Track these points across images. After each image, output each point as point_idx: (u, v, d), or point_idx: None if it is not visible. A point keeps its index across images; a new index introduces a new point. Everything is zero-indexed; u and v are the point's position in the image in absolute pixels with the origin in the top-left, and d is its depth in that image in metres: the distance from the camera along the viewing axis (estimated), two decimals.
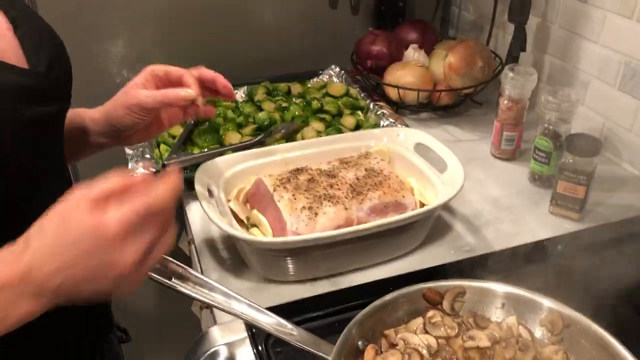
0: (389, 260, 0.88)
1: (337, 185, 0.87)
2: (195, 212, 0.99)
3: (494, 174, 1.12)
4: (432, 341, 0.69)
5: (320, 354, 0.64)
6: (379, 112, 1.22)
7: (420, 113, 1.32)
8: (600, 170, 1.10)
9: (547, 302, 0.71)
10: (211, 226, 0.96)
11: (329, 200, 0.85)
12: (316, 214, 0.83)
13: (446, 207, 1.01)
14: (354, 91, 1.32)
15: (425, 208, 0.84)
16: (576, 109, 1.01)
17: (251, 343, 0.72)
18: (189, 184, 0.86)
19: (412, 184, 0.94)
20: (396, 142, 1.00)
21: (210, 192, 0.87)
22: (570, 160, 0.93)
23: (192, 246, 1.07)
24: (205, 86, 0.82)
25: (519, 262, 0.86)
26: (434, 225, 0.94)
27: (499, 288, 0.73)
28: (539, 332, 0.71)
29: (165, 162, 1.00)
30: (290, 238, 0.79)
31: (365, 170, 0.91)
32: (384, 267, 0.88)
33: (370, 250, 0.86)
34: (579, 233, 0.94)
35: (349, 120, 1.21)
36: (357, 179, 0.89)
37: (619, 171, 1.12)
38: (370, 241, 0.83)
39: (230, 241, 0.92)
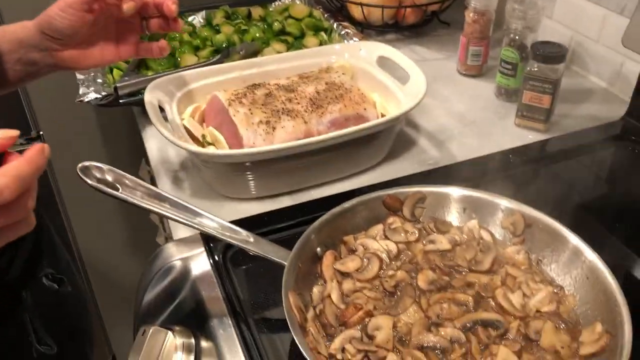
0: (352, 175, 0.86)
1: (296, 99, 0.84)
2: (151, 139, 0.96)
3: (460, 90, 1.09)
4: (392, 246, 0.68)
5: (278, 260, 0.62)
6: (342, 32, 1.18)
7: (386, 34, 1.28)
8: (568, 83, 1.09)
9: (507, 204, 0.70)
10: (168, 151, 0.93)
11: (287, 114, 0.81)
12: (274, 128, 0.80)
13: (411, 122, 0.99)
14: (317, 12, 1.27)
15: (385, 118, 0.82)
16: (542, 17, 0.98)
17: (208, 256, 0.70)
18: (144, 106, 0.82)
19: (375, 99, 0.92)
20: (358, 57, 0.97)
21: (162, 110, 0.83)
22: (536, 68, 0.90)
23: (151, 175, 1.05)
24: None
25: (482, 172, 0.84)
26: (398, 141, 0.92)
27: (459, 192, 0.72)
28: (500, 234, 0.70)
29: (118, 85, 0.95)
30: (247, 150, 0.77)
31: (326, 84, 0.88)
32: (347, 182, 0.86)
33: (331, 165, 0.83)
34: (543, 142, 0.92)
35: (311, 41, 1.16)
36: (317, 92, 0.86)
37: (586, 83, 1.10)
38: (331, 154, 0.81)
39: (187, 164, 0.89)
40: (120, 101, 0.95)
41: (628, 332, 0.53)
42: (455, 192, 0.72)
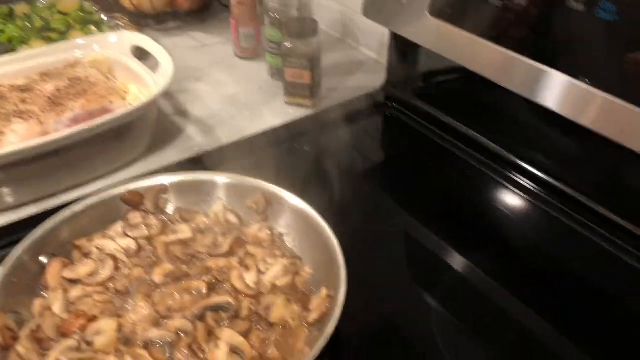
0: (110, 172, 0.81)
1: (31, 99, 0.77)
2: None
3: (236, 74, 1.08)
4: (132, 243, 0.65)
5: None
6: (113, 24, 1.12)
7: (166, 22, 1.24)
8: (341, 57, 1.12)
9: (249, 182, 0.69)
10: None
11: (19, 117, 0.75)
12: (2, 133, 0.73)
13: (180, 111, 0.96)
14: (87, 5, 1.19)
15: (124, 109, 0.77)
16: None
17: None
18: None
19: (133, 90, 0.87)
20: (111, 48, 0.91)
21: None
22: (290, 45, 0.91)
23: None
24: None
25: (241, 153, 0.84)
26: (162, 131, 0.89)
27: (205, 177, 0.70)
28: (246, 215, 0.69)
29: None
30: None
31: (69, 80, 0.82)
32: (106, 180, 0.81)
33: (81, 165, 0.78)
34: (305, 119, 0.93)
35: (76, 36, 1.09)
36: (58, 90, 0.80)
37: (359, 56, 1.14)
38: (77, 153, 0.76)
39: None
40: None
41: (342, 293, 0.55)
42: (201, 177, 0.70)
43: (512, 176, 0.78)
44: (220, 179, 0.70)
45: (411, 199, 0.78)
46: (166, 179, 0.69)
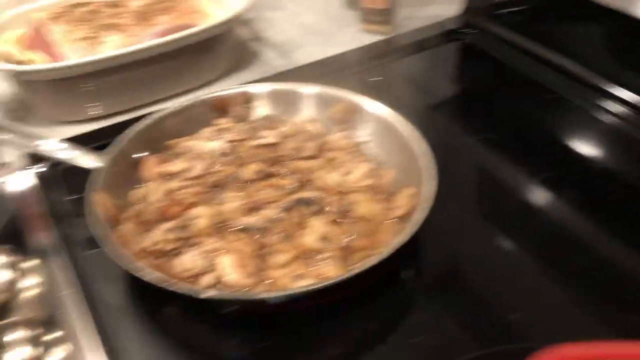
0: (192, 89, 0.84)
1: (122, 14, 0.80)
2: None
3: (312, 3, 1.08)
4: (220, 146, 0.67)
5: (88, 166, 0.60)
6: None
7: None
8: None
9: (328, 92, 0.70)
10: None
11: (112, 29, 0.78)
12: (98, 43, 0.76)
13: (256, 36, 0.97)
14: None
15: (213, 22, 0.80)
16: None
17: (27, 176, 0.67)
18: None
19: (214, 12, 0.89)
20: None
21: None
22: None
23: None
24: None
25: (325, 72, 0.85)
26: (240, 55, 0.91)
27: (287, 87, 0.72)
28: (328, 124, 0.71)
29: None
30: (68, 62, 0.73)
31: None
32: (187, 96, 0.84)
33: (167, 79, 0.81)
34: (380, 44, 0.93)
35: None
36: (145, 6, 0.82)
37: None
38: (164, 65, 0.79)
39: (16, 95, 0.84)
40: None
41: (433, 188, 0.56)
42: (277, 87, 0.72)
43: (603, 103, 0.76)
44: (305, 89, 0.71)
45: (489, 130, 0.76)
46: (252, 88, 0.72)
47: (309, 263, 0.54)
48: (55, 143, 0.61)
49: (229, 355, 0.53)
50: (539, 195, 0.66)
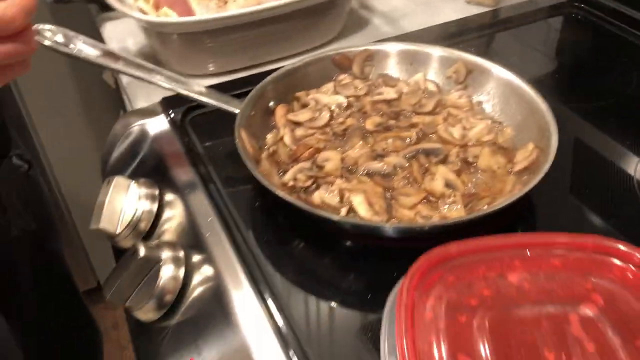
0: (306, 51, 0.89)
1: None
2: (109, 33, 0.97)
3: None
4: (342, 99, 0.72)
5: (231, 108, 0.65)
6: None
7: None
8: None
9: (448, 54, 0.73)
10: (127, 41, 0.94)
11: None
12: (226, 2, 0.82)
13: (364, 4, 1.01)
14: None
15: None
16: None
17: (166, 116, 0.73)
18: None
19: None
20: None
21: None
22: None
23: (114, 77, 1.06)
24: None
25: (432, 38, 0.87)
26: (350, 21, 0.94)
27: (404, 47, 0.75)
28: (445, 84, 0.74)
29: None
30: (199, 17, 0.79)
31: None
32: (301, 57, 0.88)
33: (285, 39, 0.86)
34: (487, 14, 0.95)
35: None
36: None
37: None
38: (283, 25, 0.83)
39: (145, 51, 0.91)
40: None
41: (554, 142, 0.58)
42: (400, 47, 0.75)
43: None
44: (425, 48, 0.74)
45: (593, 104, 0.77)
46: (373, 46, 0.75)
47: (434, 206, 0.58)
48: (202, 87, 0.66)
49: (348, 286, 0.57)
50: None
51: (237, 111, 0.64)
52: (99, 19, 1.01)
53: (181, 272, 0.57)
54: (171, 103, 0.75)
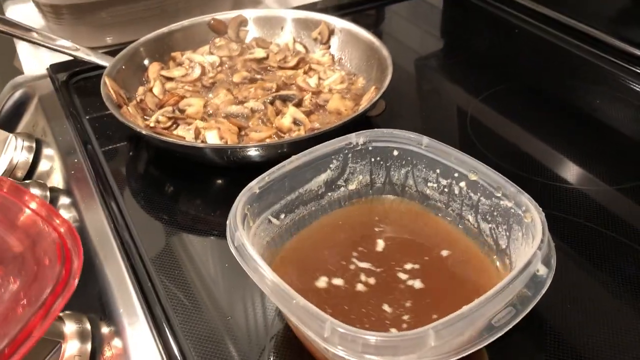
0: None
1: None
2: (13, 15, 1.02)
3: None
4: (216, 59, 0.78)
5: (102, 62, 0.71)
6: None
7: None
8: None
9: (314, 16, 0.80)
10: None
11: None
12: None
13: None
14: None
15: None
16: None
17: (52, 79, 0.78)
18: None
19: None
20: None
21: None
22: None
23: None
24: None
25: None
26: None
27: (275, 13, 0.82)
28: (312, 46, 0.80)
29: None
30: None
31: None
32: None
33: (184, 11, 0.91)
34: None
35: None
36: None
37: None
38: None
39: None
40: None
41: (388, 78, 0.65)
42: (271, 13, 0.82)
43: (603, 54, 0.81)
44: (290, 13, 0.81)
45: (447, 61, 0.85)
46: (246, 12, 0.82)
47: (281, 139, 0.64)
48: (74, 44, 0.71)
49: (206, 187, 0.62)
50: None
51: (107, 64, 0.69)
52: (5, 4, 1.05)
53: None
54: (58, 68, 0.80)
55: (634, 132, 0.68)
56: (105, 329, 0.49)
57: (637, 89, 0.74)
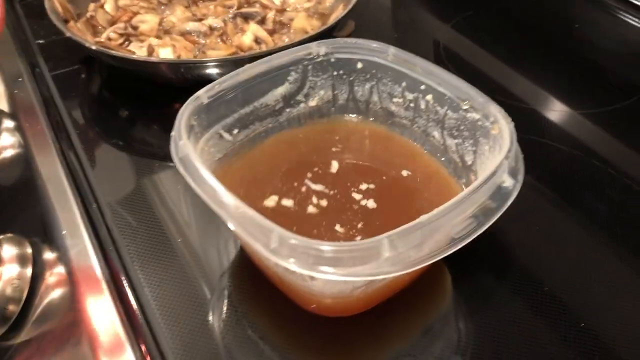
0: None
1: None
2: None
3: None
4: None
5: None
6: None
7: None
8: None
9: None
10: None
11: None
12: None
13: None
14: None
15: None
16: None
17: None
18: None
19: None
20: None
21: None
22: None
23: None
24: None
25: None
26: None
27: None
28: None
29: None
30: None
31: None
32: None
33: None
34: None
35: None
36: None
37: None
38: None
39: None
40: None
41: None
42: None
43: None
44: None
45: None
46: None
47: None
48: None
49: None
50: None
51: None
52: None
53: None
54: None
55: (609, 57, 0.66)
56: (49, 254, 0.46)
57: (615, 14, 0.71)
